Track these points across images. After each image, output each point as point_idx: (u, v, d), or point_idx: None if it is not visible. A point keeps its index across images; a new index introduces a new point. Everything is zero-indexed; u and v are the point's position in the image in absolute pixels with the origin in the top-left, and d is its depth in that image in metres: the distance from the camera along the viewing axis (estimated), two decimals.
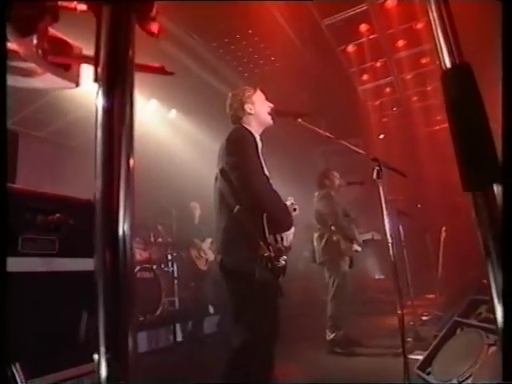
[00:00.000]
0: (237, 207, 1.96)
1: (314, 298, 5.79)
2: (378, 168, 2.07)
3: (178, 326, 4.94)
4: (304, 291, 6.17)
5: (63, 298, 0.91)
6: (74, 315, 0.86)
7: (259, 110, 2.28)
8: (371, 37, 6.07)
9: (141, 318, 4.58)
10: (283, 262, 1.97)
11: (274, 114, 2.29)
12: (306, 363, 3.66)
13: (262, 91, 2.37)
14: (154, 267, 5.17)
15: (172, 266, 5.80)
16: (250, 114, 2.26)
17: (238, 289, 1.99)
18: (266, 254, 1.89)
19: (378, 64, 6.75)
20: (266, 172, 2.19)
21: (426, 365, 2.53)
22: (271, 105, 2.32)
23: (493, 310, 2.02)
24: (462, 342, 2.42)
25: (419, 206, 7.89)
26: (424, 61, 6.76)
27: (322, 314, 4.26)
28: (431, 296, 7.18)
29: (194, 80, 6.05)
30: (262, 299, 1.91)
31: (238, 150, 2.06)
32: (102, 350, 0.39)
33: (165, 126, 6.60)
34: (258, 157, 2.15)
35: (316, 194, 4.27)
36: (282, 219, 2.06)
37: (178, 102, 6.47)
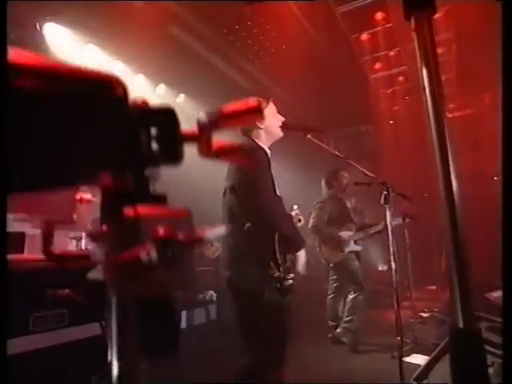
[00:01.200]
0: (247, 225, 1.95)
1: (317, 286, 5.86)
2: (385, 193, 2.05)
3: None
4: (308, 279, 6.25)
5: (71, 365, 0.93)
6: (85, 380, 0.88)
7: (270, 125, 2.23)
8: (387, 25, 5.89)
9: None
10: (290, 281, 1.98)
11: (283, 127, 2.26)
12: (306, 357, 3.76)
13: (275, 104, 2.32)
14: None
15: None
16: (261, 128, 2.23)
17: (245, 307, 2.00)
18: (275, 275, 1.90)
19: (392, 53, 6.57)
20: (277, 187, 2.18)
21: (422, 376, 2.59)
22: (282, 118, 2.28)
23: (491, 329, 2.04)
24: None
25: (426, 195, 7.88)
26: (440, 50, 6.57)
27: (324, 303, 4.40)
28: (432, 288, 7.25)
29: (204, 65, 5.96)
30: (269, 319, 1.94)
31: (252, 168, 2.02)
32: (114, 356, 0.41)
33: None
34: (271, 174, 2.14)
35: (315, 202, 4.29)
36: (293, 240, 2.07)
37: (187, 86, 6.40)
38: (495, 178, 7.58)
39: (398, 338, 2.24)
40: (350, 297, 4.09)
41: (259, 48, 5.82)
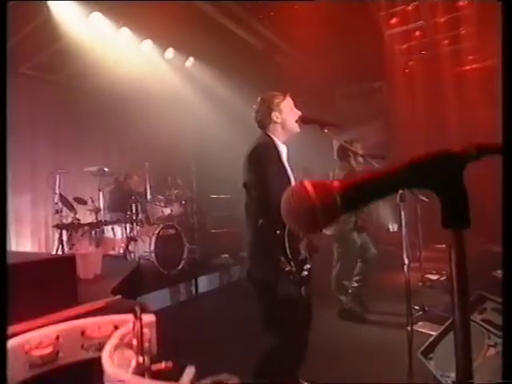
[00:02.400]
0: (260, 221, 2.04)
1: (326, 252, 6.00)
2: (401, 191, 2.08)
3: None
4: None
5: None
6: None
7: (286, 119, 2.23)
8: None
9: (165, 272, 4.94)
10: (306, 273, 2.07)
11: (300, 121, 2.26)
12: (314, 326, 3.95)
13: (292, 98, 2.30)
14: (175, 222, 5.43)
15: (193, 218, 6.07)
16: (277, 122, 2.23)
17: (263, 299, 2.13)
18: (287, 269, 2.00)
19: (410, 7, 6.24)
20: (291, 177, 2.22)
21: (428, 350, 2.75)
22: (299, 112, 2.27)
23: (497, 309, 2.15)
24: None
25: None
26: (461, 3, 6.23)
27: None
28: (441, 246, 7.39)
29: (213, 27, 5.76)
30: (286, 310, 2.07)
31: (259, 167, 2.08)
32: None
33: (181, 75, 6.42)
34: (282, 168, 2.16)
35: (336, 167, 4.23)
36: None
37: (196, 49, 6.23)
38: None
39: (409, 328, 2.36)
40: (358, 265, 4.19)
41: (269, 8, 5.57)
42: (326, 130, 2.25)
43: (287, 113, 2.24)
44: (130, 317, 0.63)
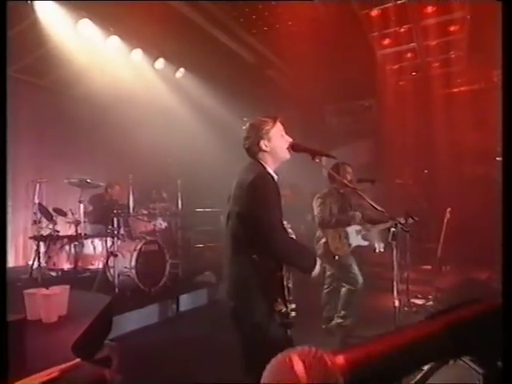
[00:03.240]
0: (254, 256, 1.88)
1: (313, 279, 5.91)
2: (394, 229, 1.99)
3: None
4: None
5: None
6: None
7: (276, 147, 2.08)
8: (399, 2, 5.59)
9: (146, 290, 4.77)
10: (293, 314, 1.94)
11: (290, 148, 2.14)
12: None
13: (282, 123, 2.18)
14: (158, 237, 5.27)
15: (177, 233, 5.91)
16: (266, 151, 2.11)
17: (248, 341, 1.97)
18: (283, 311, 1.87)
19: (402, 30, 6.29)
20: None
21: None
22: (289, 139, 2.15)
23: None
24: (453, 375, 2.52)
25: (426, 171, 7.85)
26: (452, 28, 6.30)
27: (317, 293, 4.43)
28: (427, 267, 7.36)
29: (205, 39, 5.70)
30: (271, 354, 1.92)
31: (263, 200, 1.93)
32: None
33: (170, 86, 6.32)
34: (280, 203, 2.02)
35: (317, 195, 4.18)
36: (305, 266, 2.01)
37: (187, 61, 6.16)
38: (497, 159, 7.50)
39: None
40: (344, 290, 4.09)
41: (264, 23, 5.53)
42: (317, 160, 2.15)
43: (276, 140, 2.08)
44: None
